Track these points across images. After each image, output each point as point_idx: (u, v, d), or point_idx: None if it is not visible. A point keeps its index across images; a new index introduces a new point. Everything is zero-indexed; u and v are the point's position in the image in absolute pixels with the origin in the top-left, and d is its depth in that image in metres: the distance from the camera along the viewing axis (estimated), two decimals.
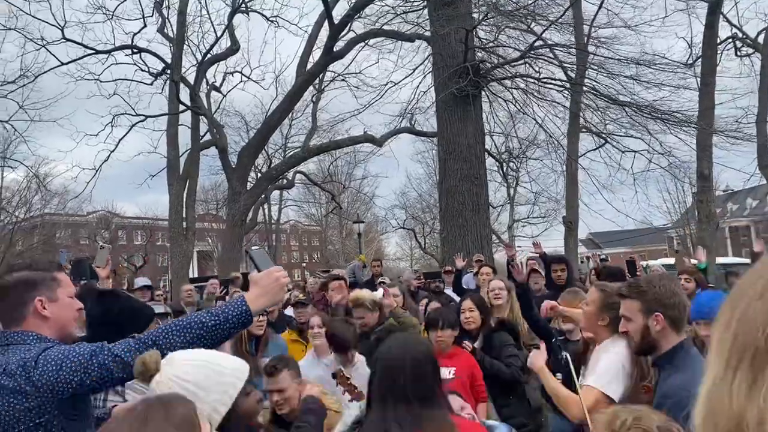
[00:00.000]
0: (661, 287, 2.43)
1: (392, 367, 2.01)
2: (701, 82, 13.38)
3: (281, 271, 2.10)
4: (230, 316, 1.97)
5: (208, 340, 1.95)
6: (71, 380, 1.81)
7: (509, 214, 29.93)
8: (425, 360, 2.03)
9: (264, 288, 2.05)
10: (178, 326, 1.93)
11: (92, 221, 39.04)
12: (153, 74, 17.90)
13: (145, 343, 1.89)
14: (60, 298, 2.07)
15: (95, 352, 1.86)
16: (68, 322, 2.10)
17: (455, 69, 11.28)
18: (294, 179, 24.62)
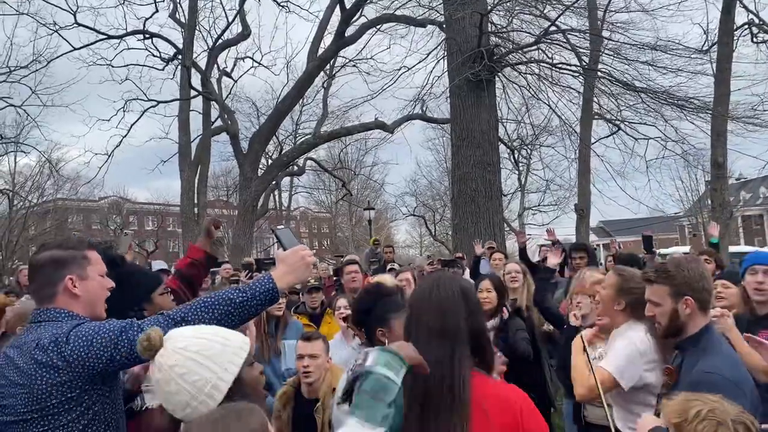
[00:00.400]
0: (690, 270, 2.40)
1: (416, 304, 1.91)
2: (717, 68, 13.19)
3: (307, 249, 2.12)
4: (257, 292, 1.99)
5: (236, 316, 1.97)
6: (101, 356, 1.84)
7: (520, 202, 29.82)
8: (456, 295, 1.86)
9: (291, 266, 2.07)
10: (206, 303, 1.95)
11: (104, 206, 39.32)
12: (164, 60, 17.93)
13: (174, 319, 1.91)
14: (90, 276, 2.09)
15: (125, 329, 1.88)
16: (99, 300, 2.13)
17: (469, 54, 11.19)
18: (305, 166, 24.65)
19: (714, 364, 2.24)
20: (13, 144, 22.29)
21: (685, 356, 2.40)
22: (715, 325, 2.99)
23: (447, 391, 1.72)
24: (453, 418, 1.69)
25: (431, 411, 1.71)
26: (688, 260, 2.50)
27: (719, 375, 2.18)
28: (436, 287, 1.89)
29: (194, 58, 17.71)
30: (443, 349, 1.77)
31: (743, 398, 2.13)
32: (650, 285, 2.48)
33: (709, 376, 2.18)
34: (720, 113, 11.97)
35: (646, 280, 2.51)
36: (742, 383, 2.20)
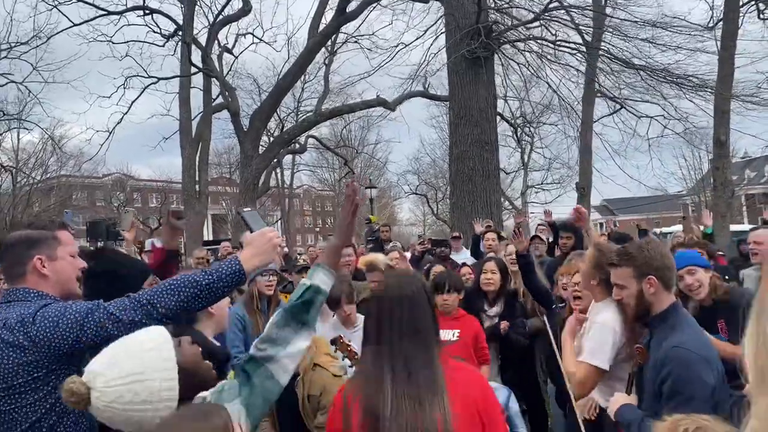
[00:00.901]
0: (651, 251, 2.46)
1: (383, 303, 1.99)
2: (721, 46, 13.03)
3: (274, 231, 2.13)
4: (223, 275, 1.98)
5: (202, 299, 1.97)
6: (68, 336, 1.85)
7: (523, 180, 29.74)
8: (417, 294, 2.00)
9: (257, 248, 2.06)
10: (172, 285, 1.95)
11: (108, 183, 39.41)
12: (165, 36, 17.80)
13: (140, 302, 1.92)
14: (60, 257, 2.11)
15: (91, 310, 1.90)
16: (69, 280, 2.15)
17: (467, 30, 11.07)
18: (306, 144, 24.59)
19: (682, 339, 2.28)
20: (16, 120, 22.29)
21: (654, 334, 2.44)
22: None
23: (430, 384, 1.83)
24: (437, 408, 1.79)
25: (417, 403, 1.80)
26: (648, 241, 2.55)
27: (686, 349, 2.23)
28: (401, 287, 2.01)
29: (195, 34, 17.57)
30: (419, 347, 1.90)
31: (710, 373, 2.18)
32: (614, 269, 2.53)
33: (677, 351, 2.23)
34: (720, 91, 11.84)
35: (609, 264, 2.56)
36: (711, 359, 2.24)
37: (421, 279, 2.18)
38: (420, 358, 1.87)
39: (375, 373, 1.87)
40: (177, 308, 1.93)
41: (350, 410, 1.85)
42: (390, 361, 1.87)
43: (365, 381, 1.90)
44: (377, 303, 2.03)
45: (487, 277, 4.77)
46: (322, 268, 1.92)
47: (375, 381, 1.85)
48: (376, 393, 1.82)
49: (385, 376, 1.84)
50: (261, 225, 2.14)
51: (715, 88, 12.13)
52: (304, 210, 61.04)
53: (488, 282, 4.77)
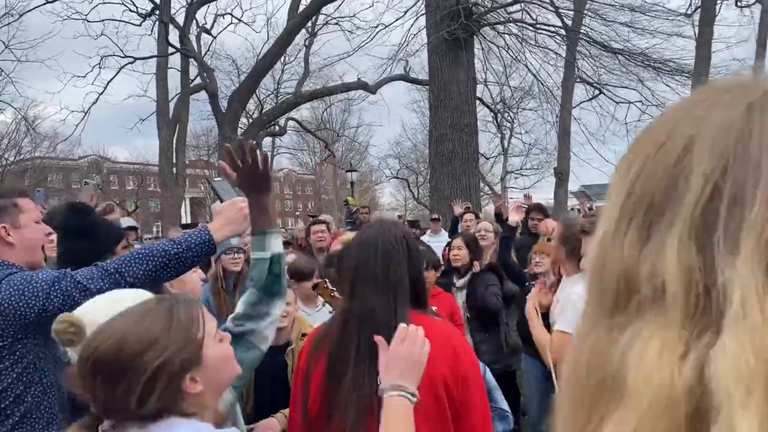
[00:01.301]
0: None
1: (357, 251, 1.88)
2: (698, 32, 13.15)
3: (244, 201, 2.07)
4: (192, 244, 1.97)
5: (171, 268, 1.95)
6: (33, 305, 1.83)
7: (502, 165, 29.89)
8: (394, 244, 1.85)
9: (227, 218, 2.04)
10: (140, 255, 1.93)
11: (83, 165, 38.78)
12: (141, 15, 17.49)
13: (108, 271, 1.90)
14: (24, 224, 2.07)
15: (58, 279, 1.87)
16: (35, 247, 2.11)
17: (447, 11, 11.01)
18: (286, 126, 24.38)
19: None
20: None
21: None
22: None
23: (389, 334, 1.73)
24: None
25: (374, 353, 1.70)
26: None
27: None
28: (379, 236, 1.88)
29: (172, 13, 17.30)
30: (386, 298, 1.78)
31: None
32: (586, 236, 2.54)
33: None
34: (699, 76, 11.97)
35: (582, 231, 2.56)
36: None
37: (403, 228, 1.99)
38: (387, 314, 1.75)
39: (341, 330, 1.80)
40: (145, 277, 1.90)
41: (313, 367, 1.80)
42: (357, 318, 1.77)
43: (332, 337, 1.82)
44: (353, 251, 1.92)
45: (454, 253, 4.85)
46: (270, 234, 1.86)
47: (341, 338, 1.78)
48: (342, 352, 1.75)
49: (351, 335, 1.75)
50: (232, 195, 2.11)
51: (692, 73, 12.26)
52: (284, 193, 60.74)
53: (456, 258, 4.85)
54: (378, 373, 1.59)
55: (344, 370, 1.72)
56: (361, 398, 1.67)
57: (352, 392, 1.69)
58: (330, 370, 1.75)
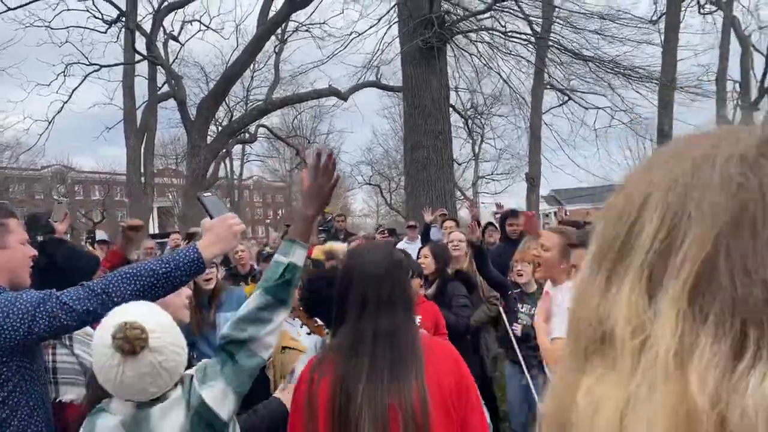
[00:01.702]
0: None
1: (358, 276, 1.92)
2: (664, 38, 13.45)
3: (235, 217, 2.04)
4: (181, 263, 1.91)
5: (159, 288, 1.91)
6: (18, 328, 1.77)
7: (474, 171, 30.12)
8: (396, 265, 1.97)
9: (217, 235, 1.99)
10: (128, 274, 1.88)
11: (47, 175, 37.84)
12: (107, 22, 17.18)
13: (94, 291, 1.84)
14: (10, 245, 2.03)
15: (43, 300, 1.81)
16: (20, 269, 2.07)
17: (420, 20, 11.04)
18: (257, 133, 24.18)
19: None
20: None
21: None
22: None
23: (409, 354, 1.81)
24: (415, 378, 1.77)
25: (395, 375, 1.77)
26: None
27: None
28: (375, 257, 1.96)
29: (139, 20, 16.99)
30: (397, 317, 1.86)
31: None
32: (576, 248, 2.52)
33: None
34: (664, 82, 12.23)
35: (571, 245, 2.56)
36: None
37: (394, 250, 2.09)
38: (401, 330, 1.85)
39: (352, 349, 1.83)
40: (132, 298, 1.86)
41: (317, 386, 1.80)
42: (369, 337, 1.82)
43: (340, 356, 1.83)
44: (352, 276, 1.94)
45: (420, 261, 4.82)
46: (298, 244, 1.84)
47: (351, 357, 1.81)
48: (353, 370, 1.78)
49: (363, 352, 1.80)
50: (222, 211, 2.06)
51: (659, 79, 12.51)
52: (254, 201, 60.20)
53: (422, 266, 4.81)
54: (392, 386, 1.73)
55: (356, 388, 1.75)
56: (377, 413, 1.72)
57: (368, 407, 1.72)
58: (341, 391, 1.76)
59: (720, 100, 16.02)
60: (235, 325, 1.76)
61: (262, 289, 1.79)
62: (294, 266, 1.81)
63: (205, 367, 1.73)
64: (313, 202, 1.90)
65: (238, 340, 1.73)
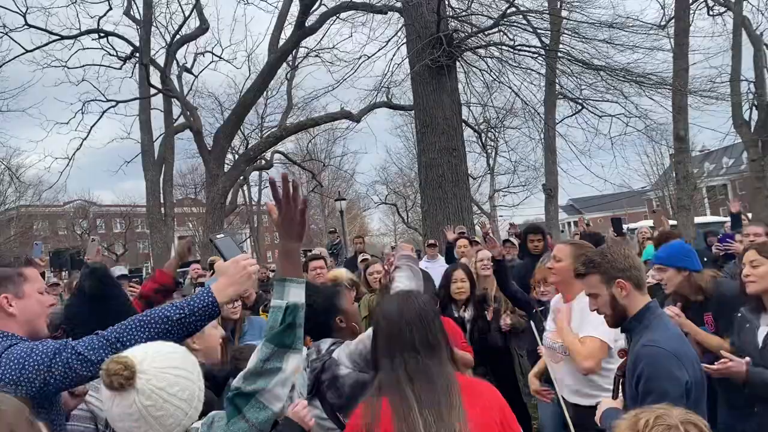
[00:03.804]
0: (613, 253, 2.46)
1: (395, 321, 2.00)
2: (674, 43, 13.38)
3: (249, 258, 2.03)
4: (196, 308, 1.91)
5: (174, 334, 1.89)
6: (34, 379, 1.77)
7: (490, 184, 30.02)
8: (429, 310, 2.04)
9: (231, 277, 1.98)
10: (141, 322, 1.88)
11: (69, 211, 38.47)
12: (122, 58, 17.51)
13: (109, 341, 1.84)
14: (27, 294, 2.04)
15: (59, 350, 1.82)
16: (37, 318, 2.07)
17: (428, 40, 11.13)
18: (272, 159, 24.40)
19: (652, 337, 2.27)
20: None
21: (632, 336, 2.42)
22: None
23: (448, 395, 1.86)
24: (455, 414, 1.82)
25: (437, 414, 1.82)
26: (609, 246, 2.59)
27: (656, 347, 2.21)
28: (409, 302, 2.05)
29: (152, 55, 17.32)
30: (434, 362, 1.94)
31: (680, 369, 2.17)
32: (582, 278, 2.51)
33: (647, 349, 2.22)
34: (677, 88, 12.14)
35: (577, 275, 2.55)
36: (681, 355, 2.22)
37: (425, 297, 2.15)
38: (437, 372, 1.91)
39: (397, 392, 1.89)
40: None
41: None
42: (410, 379, 1.90)
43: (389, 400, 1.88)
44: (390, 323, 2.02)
45: (458, 286, 4.82)
46: (290, 282, 1.78)
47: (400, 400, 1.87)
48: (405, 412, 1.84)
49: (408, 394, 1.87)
50: (235, 252, 2.05)
51: (672, 84, 12.42)
52: (272, 227, 60.50)
53: (460, 291, 4.81)
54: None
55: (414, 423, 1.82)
56: None
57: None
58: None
59: (735, 101, 15.84)
60: (243, 378, 1.71)
61: (266, 340, 1.74)
62: (294, 306, 1.76)
63: (212, 421, 1.69)
64: (290, 233, 1.85)
65: (245, 393, 1.68)
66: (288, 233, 1.85)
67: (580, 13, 13.31)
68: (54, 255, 13.76)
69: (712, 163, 46.94)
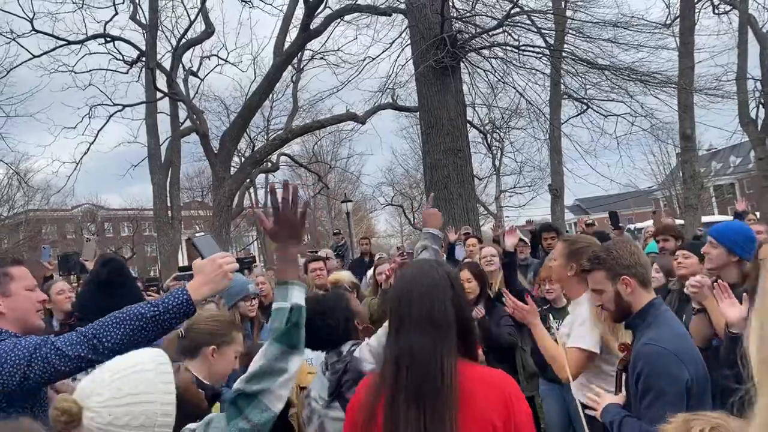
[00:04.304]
0: (619, 250, 2.46)
1: (402, 293, 1.88)
2: (680, 41, 13.35)
3: (226, 257, 2.04)
4: (170, 306, 1.94)
5: (149, 331, 1.93)
6: (14, 374, 1.82)
7: (496, 185, 29.98)
8: (443, 285, 1.85)
9: (207, 276, 2.00)
10: (117, 319, 1.92)
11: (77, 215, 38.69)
12: (128, 62, 17.64)
13: (86, 336, 1.89)
14: (14, 293, 2.11)
15: (39, 346, 1.88)
16: (27, 314, 2.14)
17: (432, 41, 11.14)
18: (279, 162, 24.48)
19: (653, 336, 2.27)
20: None
21: (636, 333, 2.43)
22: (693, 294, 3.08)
23: (434, 378, 1.71)
24: (440, 405, 1.68)
25: (419, 399, 1.70)
26: (616, 242, 2.58)
27: (657, 345, 2.22)
28: (421, 275, 1.88)
29: (158, 59, 17.42)
30: (430, 337, 1.76)
31: (680, 368, 2.16)
32: (588, 274, 2.52)
33: (648, 347, 2.23)
34: (683, 86, 12.10)
35: (582, 271, 2.56)
36: (682, 353, 2.21)
37: (444, 270, 1.94)
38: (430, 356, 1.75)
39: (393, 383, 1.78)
40: (122, 341, 1.90)
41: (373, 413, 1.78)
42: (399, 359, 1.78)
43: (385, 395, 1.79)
44: (394, 293, 1.92)
45: (464, 286, 4.79)
46: (292, 284, 1.77)
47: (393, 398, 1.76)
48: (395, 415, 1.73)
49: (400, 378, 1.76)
50: (214, 250, 2.07)
51: (678, 83, 12.38)
52: None
53: (467, 291, 4.79)
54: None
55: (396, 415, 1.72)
56: None
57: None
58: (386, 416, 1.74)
59: (742, 99, 15.78)
60: (247, 379, 1.68)
61: (272, 339, 1.72)
62: (298, 307, 1.75)
63: (209, 422, 1.66)
64: (289, 237, 1.83)
65: (248, 393, 1.65)
66: (287, 236, 1.83)
67: (584, 12, 13.30)
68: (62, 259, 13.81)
69: (720, 161, 46.65)
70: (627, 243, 2.59)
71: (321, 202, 42.25)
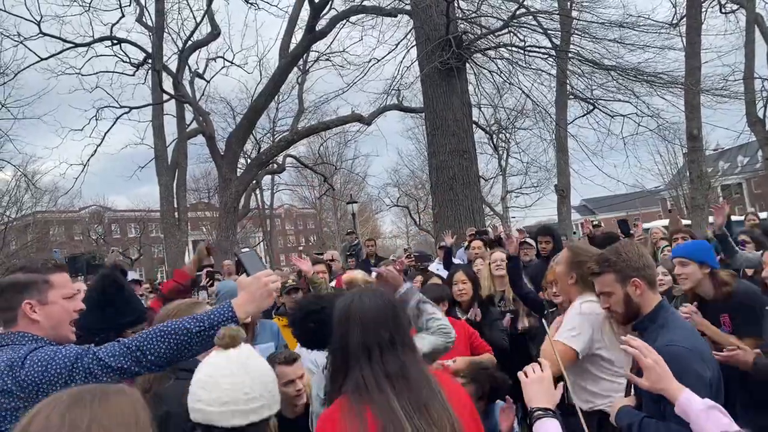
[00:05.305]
0: (628, 252, 2.46)
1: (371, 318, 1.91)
2: (686, 41, 13.28)
3: (271, 275, 2.07)
4: (215, 322, 1.95)
5: (194, 346, 1.94)
6: (56, 381, 1.80)
7: (502, 186, 29.94)
8: (396, 306, 1.99)
9: (252, 294, 2.02)
10: (162, 332, 1.93)
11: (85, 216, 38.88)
12: (134, 65, 17.70)
13: (129, 348, 1.89)
14: (52, 301, 2.07)
15: (81, 355, 1.86)
16: (61, 324, 2.10)
17: (438, 42, 11.13)
18: (284, 163, 24.53)
19: (672, 337, 2.28)
20: None
21: (645, 335, 2.42)
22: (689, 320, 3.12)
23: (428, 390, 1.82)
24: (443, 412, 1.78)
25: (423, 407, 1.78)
26: (623, 244, 2.57)
27: (679, 346, 2.22)
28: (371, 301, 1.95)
29: (165, 61, 17.48)
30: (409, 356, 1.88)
31: (703, 367, 2.18)
32: (597, 277, 2.52)
33: (670, 349, 2.21)
34: (689, 86, 12.05)
35: (591, 273, 2.55)
36: (701, 350, 2.26)
37: (383, 292, 2.06)
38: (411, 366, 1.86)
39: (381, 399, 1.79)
40: (167, 356, 1.90)
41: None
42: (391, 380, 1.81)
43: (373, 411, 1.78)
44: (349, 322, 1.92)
45: (459, 288, 4.82)
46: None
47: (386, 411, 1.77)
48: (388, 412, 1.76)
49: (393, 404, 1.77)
50: (259, 267, 2.08)
51: (685, 83, 12.32)
52: (286, 229, 60.76)
53: (461, 293, 4.81)
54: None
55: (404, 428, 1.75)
56: None
57: None
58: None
59: (749, 99, 15.70)
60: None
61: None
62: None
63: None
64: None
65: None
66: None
67: (590, 13, 13.27)
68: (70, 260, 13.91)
69: (727, 161, 46.38)
70: (634, 245, 2.58)
71: (327, 204, 42.33)
